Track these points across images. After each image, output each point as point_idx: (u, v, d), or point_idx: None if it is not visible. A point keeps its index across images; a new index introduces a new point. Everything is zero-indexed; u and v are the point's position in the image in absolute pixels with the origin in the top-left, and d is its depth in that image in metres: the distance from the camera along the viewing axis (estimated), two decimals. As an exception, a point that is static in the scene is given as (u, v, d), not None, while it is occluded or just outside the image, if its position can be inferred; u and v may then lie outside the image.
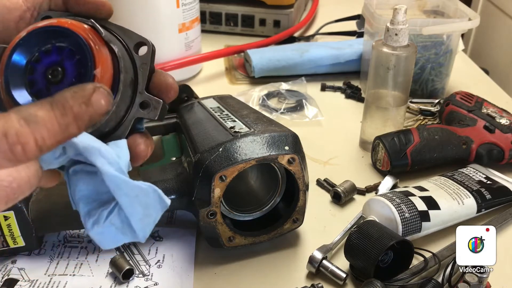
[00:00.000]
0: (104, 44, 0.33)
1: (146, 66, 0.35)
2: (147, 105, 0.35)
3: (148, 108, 0.35)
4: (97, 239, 0.33)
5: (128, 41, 0.36)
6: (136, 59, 0.36)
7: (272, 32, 1.12)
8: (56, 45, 0.32)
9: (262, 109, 0.85)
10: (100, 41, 0.33)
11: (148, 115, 0.35)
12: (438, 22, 0.85)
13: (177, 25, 0.89)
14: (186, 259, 0.56)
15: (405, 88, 0.72)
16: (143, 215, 0.33)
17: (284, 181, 0.58)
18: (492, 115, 0.72)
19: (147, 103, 0.35)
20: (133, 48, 0.36)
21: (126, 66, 0.35)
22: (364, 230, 0.53)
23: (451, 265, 0.52)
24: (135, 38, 0.36)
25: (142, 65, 0.35)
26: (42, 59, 0.32)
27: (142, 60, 0.36)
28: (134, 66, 0.35)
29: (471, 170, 0.68)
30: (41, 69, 0.32)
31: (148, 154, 0.37)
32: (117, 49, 0.34)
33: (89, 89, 0.30)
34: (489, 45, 1.76)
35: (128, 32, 0.36)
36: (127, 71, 0.34)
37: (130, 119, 0.35)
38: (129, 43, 0.36)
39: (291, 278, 0.55)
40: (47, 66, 0.32)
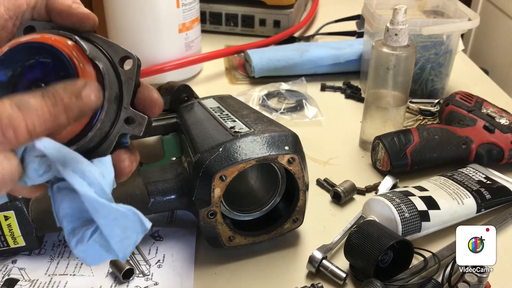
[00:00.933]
0: (88, 61, 0.33)
1: (131, 81, 0.35)
2: (132, 121, 0.35)
3: (133, 123, 0.35)
4: (81, 256, 0.33)
5: (114, 55, 0.35)
6: (121, 74, 0.35)
7: (272, 32, 1.12)
8: (39, 60, 0.32)
9: (262, 109, 0.85)
10: (84, 58, 0.33)
11: (133, 131, 0.35)
12: (438, 22, 0.85)
13: (177, 25, 0.89)
14: (186, 259, 0.56)
15: (405, 88, 0.72)
16: (122, 237, 0.32)
17: (284, 181, 0.58)
18: (491, 115, 0.72)
19: (132, 119, 0.35)
20: (118, 62, 0.35)
21: (111, 82, 0.34)
22: (364, 230, 0.53)
23: (451, 265, 0.52)
24: (121, 52, 0.36)
25: (128, 80, 0.35)
26: (25, 75, 0.32)
27: (127, 75, 0.35)
28: (119, 81, 0.35)
29: (471, 170, 0.68)
30: (23, 85, 0.32)
31: (132, 170, 0.37)
32: (102, 65, 0.34)
33: (80, 84, 0.31)
34: (489, 45, 1.76)
35: (114, 45, 0.36)
36: (112, 87, 0.34)
37: (115, 134, 0.35)
38: (114, 57, 0.35)
39: (291, 278, 0.55)
40: (30, 82, 0.32)
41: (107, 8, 0.91)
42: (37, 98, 0.29)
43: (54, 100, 0.30)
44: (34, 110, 0.29)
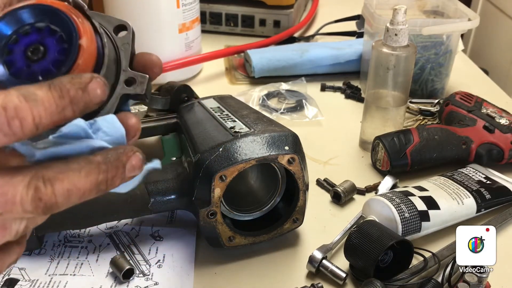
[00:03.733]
0: (86, 18, 0.33)
1: (127, 46, 0.36)
2: (133, 81, 0.35)
3: (134, 84, 0.35)
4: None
5: (107, 25, 0.36)
6: (116, 40, 0.36)
7: (272, 32, 1.12)
8: (35, 25, 0.32)
9: (262, 109, 0.85)
10: (82, 15, 0.33)
11: (134, 90, 0.35)
12: (438, 22, 0.85)
13: (177, 25, 0.89)
14: (186, 259, 0.56)
15: (405, 88, 0.72)
16: None
17: (284, 181, 0.58)
18: (491, 115, 0.72)
19: (132, 79, 0.35)
20: (113, 31, 0.36)
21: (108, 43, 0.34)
22: (364, 230, 0.53)
23: (450, 265, 0.52)
24: (114, 22, 0.36)
25: (124, 45, 0.36)
26: (20, 40, 0.32)
27: (123, 41, 0.36)
28: (115, 47, 0.35)
29: (471, 170, 0.68)
30: (19, 49, 0.31)
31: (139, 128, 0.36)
32: (98, 24, 0.34)
33: (86, 77, 0.31)
34: (488, 45, 1.76)
35: (107, 17, 0.36)
36: (110, 49, 0.34)
37: (117, 96, 0.35)
38: (108, 27, 0.36)
39: (291, 277, 0.55)
40: (26, 45, 0.31)
41: (107, 8, 0.91)
42: (43, 90, 0.29)
43: (60, 93, 0.29)
44: (41, 101, 0.28)
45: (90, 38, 0.32)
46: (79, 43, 0.31)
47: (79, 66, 0.31)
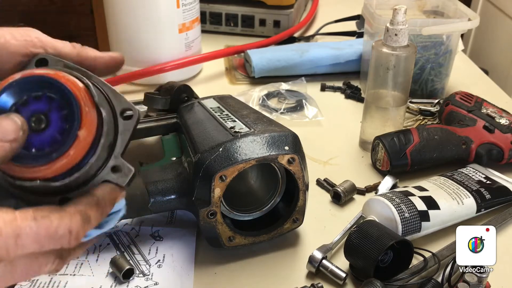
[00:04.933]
0: (93, 106, 0.34)
1: (127, 133, 0.36)
2: (118, 170, 0.35)
3: (119, 173, 0.35)
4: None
5: (117, 105, 0.36)
6: (119, 124, 0.36)
7: (272, 32, 1.12)
8: (47, 94, 0.32)
9: (262, 109, 0.85)
10: (91, 102, 0.34)
11: (116, 180, 0.35)
12: (437, 22, 0.85)
13: (177, 25, 0.89)
14: (186, 259, 0.56)
15: (404, 88, 0.72)
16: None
17: (284, 181, 0.58)
18: (491, 115, 0.72)
19: (119, 168, 0.35)
20: (119, 113, 0.36)
21: (109, 130, 0.35)
22: (364, 230, 0.53)
23: (450, 265, 0.52)
24: (124, 104, 0.36)
25: (124, 131, 0.36)
26: (30, 104, 0.32)
27: (125, 126, 0.36)
28: (116, 130, 0.36)
29: (471, 170, 0.68)
30: (25, 113, 0.32)
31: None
32: (105, 113, 0.34)
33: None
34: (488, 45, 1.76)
35: (119, 96, 0.37)
36: (108, 135, 0.35)
37: (99, 179, 0.35)
38: (118, 107, 0.36)
39: (291, 277, 0.55)
40: (33, 112, 0.32)
41: (107, 8, 0.91)
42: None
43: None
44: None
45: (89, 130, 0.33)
46: (77, 134, 0.32)
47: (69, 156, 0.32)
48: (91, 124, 0.33)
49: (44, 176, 0.33)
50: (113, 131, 0.36)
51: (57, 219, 0.32)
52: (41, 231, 0.31)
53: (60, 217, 0.32)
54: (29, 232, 0.31)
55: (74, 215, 0.33)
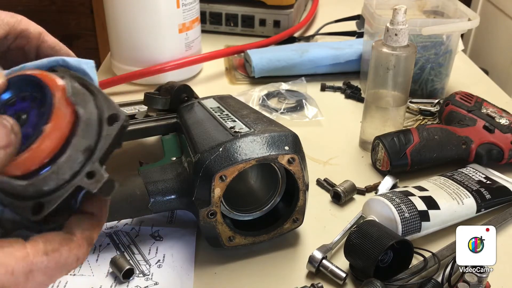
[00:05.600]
0: (69, 105, 0.33)
1: (109, 138, 0.35)
2: (92, 176, 0.34)
3: (92, 179, 0.34)
4: None
5: (106, 110, 0.35)
6: (103, 129, 0.35)
7: (272, 32, 1.12)
8: (33, 94, 0.32)
9: (262, 109, 0.85)
10: (67, 101, 0.33)
11: (88, 186, 0.34)
12: (437, 22, 0.85)
13: (177, 25, 0.89)
14: (186, 259, 0.56)
15: (404, 88, 0.72)
16: None
17: (284, 181, 0.58)
18: (491, 115, 0.72)
19: (93, 173, 0.34)
20: (106, 117, 0.35)
21: (87, 132, 0.34)
22: (364, 230, 0.53)
23: (450, 265, 0.52)
24: (112, 109, 0.35)
25: (106, 136, 0.35)
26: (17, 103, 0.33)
27: (108, 132, 0.35)
28: (99, 135, 0.35)
29: (471, 170, 0.68)
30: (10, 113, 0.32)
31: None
32: (82, 112, 0.34)
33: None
34: (488, 45, 1.76)
35: (109, 101, 0.36)
36: (86, 137, 0.34)
37: (72, 185, 0.34)
38: (106, 112, 0.35)
39: (291, 277, 0.55)
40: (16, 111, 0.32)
41: (107, 8, 0.91)
42: None
43: None
44: None
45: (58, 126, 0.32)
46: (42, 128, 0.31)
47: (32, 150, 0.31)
48: (61, 120, 0.32)
49: (9, 172, 0.32)
50: (95, 135, 0.34)
51: (67, 251, 0.33)
52: (52, 265, 0.32)
53: (70, 249, 0.33)
54: (41, 267, 0.31)
55: (82, 244, 0.34)
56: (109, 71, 0.98)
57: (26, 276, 0.30)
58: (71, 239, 0.33)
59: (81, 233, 0.34)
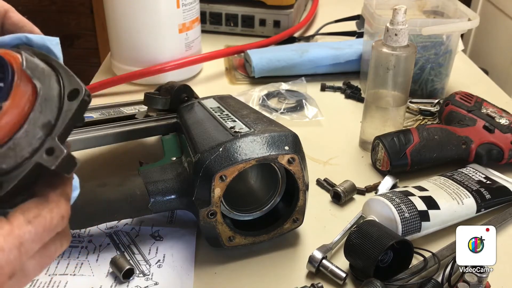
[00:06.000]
0: (29, 80, 0.32)
1: (69, 113, 0.34)
2: (51, 152, 0.33)
3: (52, 155, 0.33)
4: None
5: (67, 85, 0.34)
6: (64, 104, 0.34)
7: (272, 32, 1.12)
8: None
9: (262, 109, 0.85)
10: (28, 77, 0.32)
11: (47, 163, 0.32)
12: (437, 22, 0.85)
13: (177, 25, 0.89)
14: (186, 259, 0.56)
15: (404, 88, 0.72)
16: None
17: (284, 181, 0.58)
18: (491, 115, 0.72)
19: (52, 150, 0.33)
20: (67, 93, 0.34)
21: (47, 108, 0.33)
22: (364, 230, 0.53)
23: (450, 265, 0.52)
24: (74, 84, 0.34)
25: (67, 111, 0.34)
26: None
27: (68, 107, 0.34)
28: (59, 111, 0.34)
29: (471, 170, 0.68)
30: None
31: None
32: (40, 86, 0.33)
33: None
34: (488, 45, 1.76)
35: (71, 77, 0.35)
36: (45, 113, 0.33)
37: (32, 162, 0.33)
38: (67, 88, 0.34)
39: (291, 277, 0.55)
40: None
41: (107, 8, 0.91)
42: None
43: None
44: None
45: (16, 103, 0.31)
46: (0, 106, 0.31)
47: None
48: (21, 96, 0.31)
49: None
50: (56, 110, 0.33)
51: (49, 213, 0.32)
52: (39, 230, 0.31)
53: (50, 210, 0.32)
54: (29, 237, 0.31)
55: (59, 201, 0.33)
56: (109, 71, 0.98)
57: (18, 249, 0.30)
58: (47, 201, 0.33)
59: (54, 192, 0.33)
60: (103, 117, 0.71)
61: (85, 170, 0.71)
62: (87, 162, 0.70)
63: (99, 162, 0.71)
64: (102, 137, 0.64)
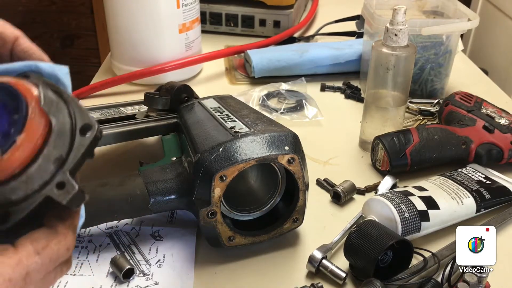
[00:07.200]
0: (43, 115, 0.33)
1: (81, 149, 0.34)
2: (62, 187, 0.33)
3: (62, 190, 0.33)
4: None
5: (79, 120, 0.35)
6: (76, 139, 0.34)
7: (272, 32, 1.12)
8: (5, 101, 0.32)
9: (262, 109, 0.85)
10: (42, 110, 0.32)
11: (58, 197, 0.33)
12: (437, 22, 0.85)
13: (177, 25, 0.89)
14: (186, 259, 0.57)
15: (404, 88, 0.72)
16: None
17: (284, 181, 0.58)
18: (491, 115, 0.72)
19: (63, 184, 0.33)
20: (79, 127, 0.34)
21: (59, 142, 0.33)
22: (363, 230, 0.53)
23: (450, 264, 0.52)
24: (86, 119, 0.35)
25: (79, 147, 0.34)
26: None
27: (81, 142, 0.34)
28: (71, 145, 0.34)
29: (471, 170, 0.68)
30: None
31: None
32: (55, 122, 0.33)
33: None
34: (488, 45, 1.76)
35: (83, 111, 0.35)
36: (58, 148, 0.33)
37: (42, 195, 0.33)
38: (79, 122, 0.34)
39: (291, 277, 0.55)
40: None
41: (107, 8, 0.91)
42: None
43: None
44: None
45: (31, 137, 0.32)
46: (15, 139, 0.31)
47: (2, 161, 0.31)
48: (35, 131, 0.32)
49: None
50: (67, 145, 0.34)
51: (56, 244, 0.33)
52: (46, 261, 0.32)
53: (58, 241, 0.33)
54: (35, 267, 0.31)
55: (67, 233, 0.34)
56: (109, 71, 0.98)
57: (24, 280, 0.31)
58: (56, 232, 0.33)
59: (63, 224, 0.34)
60: (103, 117, 0.71)
61: (85, 170, 0.71)
62: (87, 162, 0.70)
63: (99, 162, 0.71)
64: (102, 137, 0.64)
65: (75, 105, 0.35)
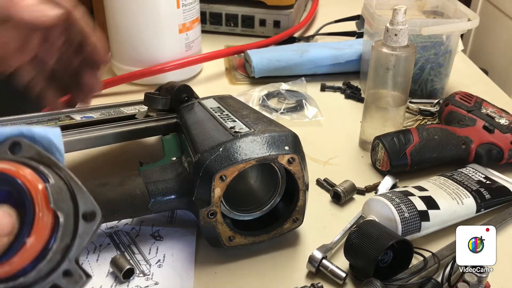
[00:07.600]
0: (50, 210, 0.32)
1: (86, 237, 0.34)
2: (69, 275, 0.33)
3: (70, 278, 0.33)
4: None
5: (81, 205, 0.34)
6: (79, 225, 0.34)
7: (272, 32, 1.12)
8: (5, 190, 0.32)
9: (262, 109, 0.85)
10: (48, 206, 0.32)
11: (66, 286, 0.33)
12: (437, 22, 0.85)
13: (177, 25, 0.89)
14: (186, 259, 0.57)
15: (404, 88, 0.72)
16: None
17: (284, 181, 0.58)
18: (491, 115, 0.72)
19: (70, 272, 0.33)
20: (81, 214, 0.34)
21: (66, 232, 0.33)
22: (363, 230, 0.53)
23: (450, 264, 0.52)
24: (89, 205, 0.34)
25: (83, 234, 0.34)
26: None
27: (85, 229, 0.34)
28: (75, 232, 0.34)
29: (471, 170, 0.68)
30: None
31: None
32: (63, 218, 0.33)
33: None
34: (488, 45, 1.76)
35: (85, 195, 0.35)
36: (63, 239, 0.33)
37: (49, 282, 0.33)
38: (81, 207, 0.34)
39: (291, 277, 0.55)
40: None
41: (107, 8, 0.91)
42: None
43: None
44: None
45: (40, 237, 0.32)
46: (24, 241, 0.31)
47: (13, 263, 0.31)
48: (43, 230, 0.32)
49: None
50: (71, 233, 0.34)
51: None
52: None
53: None
54: None
55: None
56: (109, 71, 0.98)
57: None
58: None
59: None
60: (103, 117, 0.71)
61: (85, 170, 0.71)
62: (87, 162, 0.70)
63: (99, 162, 0.71)
64: (102, 137, 0.64)
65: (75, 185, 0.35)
